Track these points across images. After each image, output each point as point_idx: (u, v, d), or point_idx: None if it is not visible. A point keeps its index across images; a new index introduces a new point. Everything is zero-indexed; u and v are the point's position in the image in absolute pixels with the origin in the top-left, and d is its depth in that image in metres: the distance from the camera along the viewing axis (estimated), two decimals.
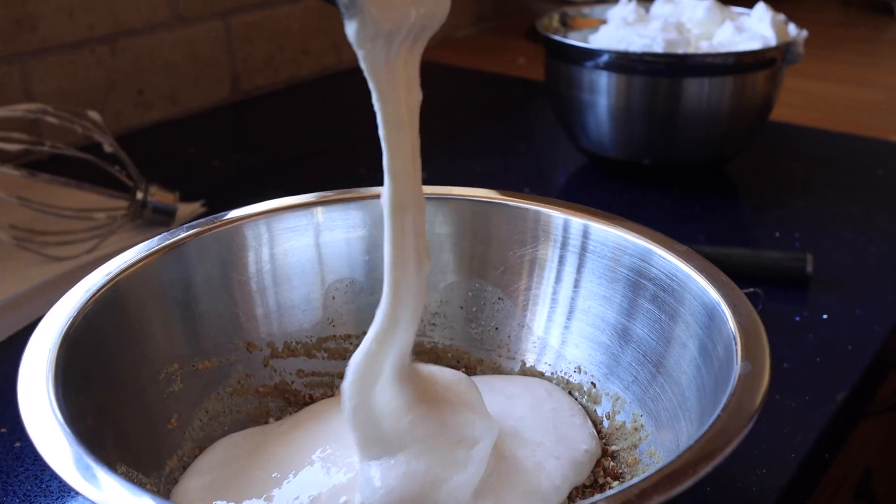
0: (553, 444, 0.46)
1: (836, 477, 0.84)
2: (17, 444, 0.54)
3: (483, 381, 0.52)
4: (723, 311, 0.41)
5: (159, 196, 0.78)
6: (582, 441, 0.47)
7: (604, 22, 0.94)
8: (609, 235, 0.48)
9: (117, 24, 1.02)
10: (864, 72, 1.30)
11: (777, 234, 0.79)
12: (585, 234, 0.49)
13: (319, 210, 0.51)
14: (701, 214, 0.84)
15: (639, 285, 0.47)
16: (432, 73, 1.29)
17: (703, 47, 0.85)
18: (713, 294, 0.42)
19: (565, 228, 0.50)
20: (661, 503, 0.31)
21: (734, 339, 0.39)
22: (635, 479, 0.31)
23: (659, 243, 0.46)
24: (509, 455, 0.45)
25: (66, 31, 0.97)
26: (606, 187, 0.90)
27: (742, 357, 0.38)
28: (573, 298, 0.50)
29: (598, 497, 0.31)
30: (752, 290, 0.66)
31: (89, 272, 0.46)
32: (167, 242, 0.47)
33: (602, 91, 0.85)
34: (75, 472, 0.33)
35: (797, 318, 0.66)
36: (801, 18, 1.59)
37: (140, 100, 1.06)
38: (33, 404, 0.37)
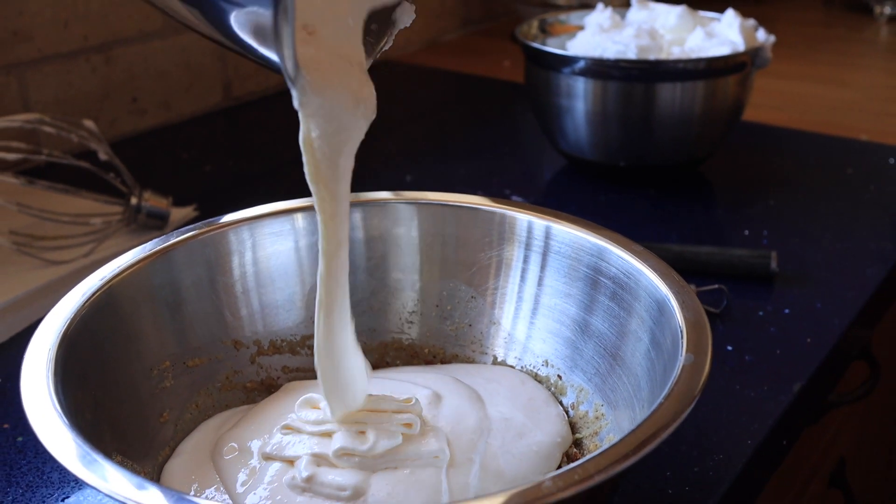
0: (532, 434, 0.49)
1: (810, 466, 0.88)
2: (20, 439, 0.57)
3: (460, 369, 0.55)
4: (672, 305, 0.44)
5: (153, 201, 0.81)
6: (557, 433, 0.50)
7: (581, 28, 0.97)
8: (570, 236, 0.51)
9: (111, 34, 1.05)
10: (841, 72, 1.33)
11: (746, 233, 0.83)
12: (548, 235, 0.52)
13: (299, 216, 0.55)
14: (674, 214, 0.87)
15: (597, 282, 0.50)
16: (419, 77, 1.33)
17: (675, 53, 0.88)
18: (664, 290, 0.46)
19: (529, 230, 0.53)
20: (603, 481, 0.34)
21: (681, 332, 0.43)
22: (577, 462, 0.35)
23: (616, 243, 0.50)
24: (493, 443, 0.48)
25: (61, 42, 1.01)
26: (585, 189, 0.93)
27: (687, 349, 0.41)
28: (537, 296, 0.53)
29: (544, 477, 0.34)
30: (716, 286, 0.70)
31: (86, 275, 0.49)
32: (157, 248, 0.51)
33: (579, 96, 0.88)
34: (78, 462, 0.36)
35: (760, 313, 0.70)
36: (784, 19, 1.63)
37: (134, 107, 1.09)
38: (36, 401, 0.40)
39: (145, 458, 0.47)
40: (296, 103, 0.38)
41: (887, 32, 1.55)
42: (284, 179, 0.98)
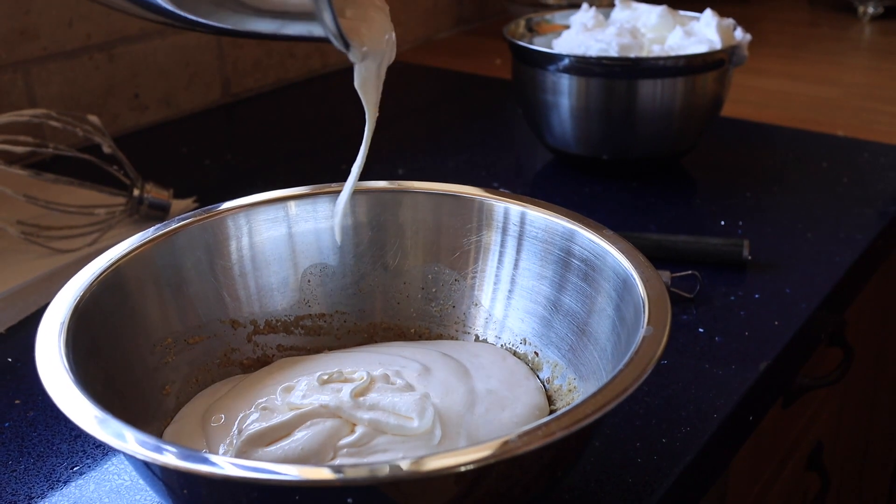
0: (514, 406, 0.52)
1: (786, 448, 0.92)
2: (31, 414, 0.61)
3: (445, 345, 0.59)
4: (635, 281, 0.48)
5: (155, 193, 0.84)
6: (536, 406, 0.54)
7: (567, 27, 1.00)
8: (543, 221, 0.55)
9: (113, 32, 1.09)
10: (824, 70, 1.37)
11: (722, 223, 0.86)
12: (523, 221, 0.56)
13: (292, 203, 0.59)
14: (655, 205, 0.91)
15: (569, 263, 0.54)
16: (414, 75, 1.37)
17: (656, 51, 0.92)
18: (629, 268, 0.49)
19: (506, 216, 0.57)
20: (563, 438, 0.38)
21: (643, 306, 0.46)
22: (542, 420, 0.38)
23: (586, 226, 0.53)
24: (478, 413, 0.51)
25: (65, 40, 1.04)
26: (570, 181, 0.97)
27: (648, 322, 0.45)
28: (514, 277, 0.57)
29: (511, 433, 0.38)
30: (690, 272, 0.73)
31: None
32: (161, 232, 0.54)
33: (564, 92, 0.92)
34: (95, 424, 0.40)
35: (732, 298, 0.73)
36: (770, 18, 1.67)
37: (136, 103, 1.13)
38: (51, 370, 0.43)
39: (148, 428, 0.51)
40: (352, 58, 0.49)
41: (870, 32, 1.58)
42: (280, 173, 1.02)
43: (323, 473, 0.37)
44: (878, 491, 1.31)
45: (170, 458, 0.38)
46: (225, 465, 0.38)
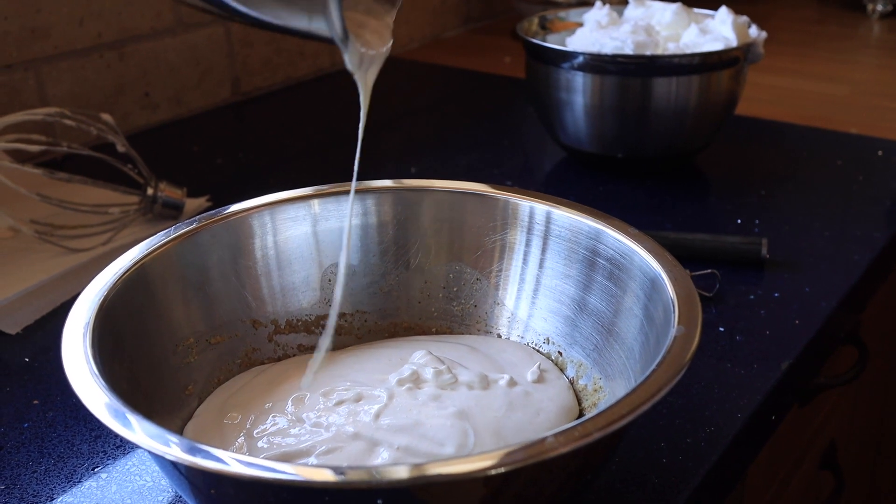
0: (548, 410, 0.51)
1: (801, 447, 0.91)
2: (50, 414, 0.60)
3: (471, 340, 0.58)
4: (664, 281, 0.48)
5: (168, 192, 0.84)
6: (568, 407, 0.53)
7: (580, 25, 1.00)
8: (569, 220, 0.55)
9: (124, 31, 1.08)
10: (834, 68, 1.37)
11: (739, 221, 0.86)
12: (548, 220, 0.56)
13: (316, 202, 0.58)
14: (670, 203, 0.90)
15: (595, 263, 0.53)
16: (422, 73, 1.36)
17: (671, 48, 0.91)
18: (657, 268, 0.49)
19: (531, 215, 0.56)
20: (599, 439, 0.38)
21: (673, 306, 0.46)
22: (577, 421, 0.38)
23: (612, 226, 0.53)
24: (513, 418, 0.51)
25: (76, 39, 1.04)
26: (584, 180, 0.96)
27: (678, 321, 0.45)
28: (539, 277, 0.56)
29: (547, 434, 0.37)
30: (709, 271, 0.73)
31: (105, 262, 0.52)
32: (184, 230, 0.54)
33: (578, 90, 0.92)
34: (116, 422, 0.40)
35: (751, 297, 0.73)
36: (779, 16, 1.66)
37: (146, 101, 1.12)
38: (77, 367, 0.43)
39: (172, 427, 0.51)
40: (348, 65, 0.47)
41: (879, 29, 1.58)
42: (292, 171, 1.01)
43: (354, 475, 0.37)
44: (890, 490, 1.31)
45: (202, 460, 0.38)
46: (256, 467, 0.37)
